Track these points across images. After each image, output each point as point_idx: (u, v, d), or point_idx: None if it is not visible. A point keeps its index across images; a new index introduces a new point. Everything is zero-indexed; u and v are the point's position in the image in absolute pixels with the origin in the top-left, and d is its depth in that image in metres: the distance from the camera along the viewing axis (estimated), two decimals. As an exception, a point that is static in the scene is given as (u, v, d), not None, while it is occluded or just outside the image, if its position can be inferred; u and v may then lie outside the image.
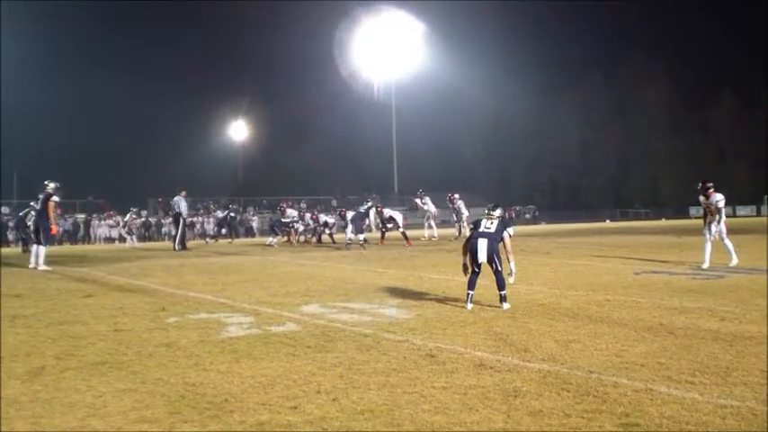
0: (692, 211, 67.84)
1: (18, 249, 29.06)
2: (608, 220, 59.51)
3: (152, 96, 68.00)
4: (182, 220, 26.29)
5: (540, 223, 61.72)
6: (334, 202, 31.76)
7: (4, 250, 29.97)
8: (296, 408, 4.49)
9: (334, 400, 4.64)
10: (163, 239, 45.13)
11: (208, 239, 35.21)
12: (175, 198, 26.76)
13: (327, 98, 69.38)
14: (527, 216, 65.84)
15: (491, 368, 5.39)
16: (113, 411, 4.48)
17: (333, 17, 64.86)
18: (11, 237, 42.79)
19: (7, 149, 54.59)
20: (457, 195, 27.72)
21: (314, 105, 71.37)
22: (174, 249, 25.46)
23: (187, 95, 69.47)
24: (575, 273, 13.00)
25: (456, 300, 9.32)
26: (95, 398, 4.80)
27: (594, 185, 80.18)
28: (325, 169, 69.38)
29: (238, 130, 71.79)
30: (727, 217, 14.22)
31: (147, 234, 46.17)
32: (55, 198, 16.92)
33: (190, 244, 28.65)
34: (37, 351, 6.46)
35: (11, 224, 44.08)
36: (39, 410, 4.54)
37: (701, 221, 14.88)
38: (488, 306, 8.65)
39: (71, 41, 61.62)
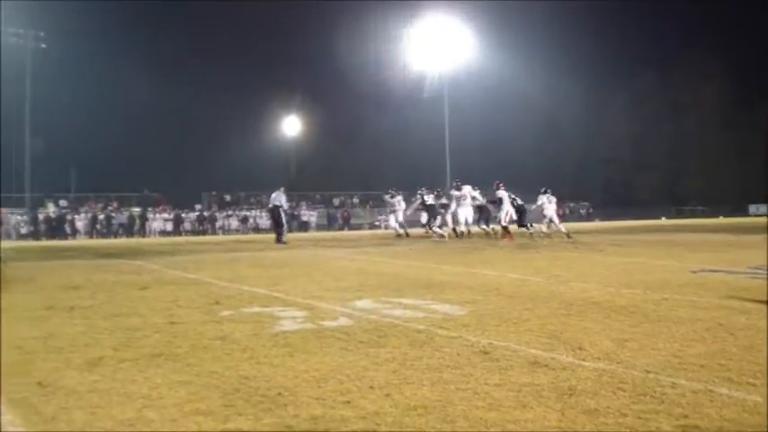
0: (752, 208, 66.67)
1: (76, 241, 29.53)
2: (663, 218, 58.59)
3: (206, 92, 68.77)
4: (283, 214, 26.79)
5: (594, 220, 61.14)
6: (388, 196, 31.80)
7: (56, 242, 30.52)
8: (349, 402, 4.47)
9: (387, 395, 4.61)
10: (216, 234, 45.70)
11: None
12: (274, 194, 27.21)
13: (379, 93, 69.48)
14: (581, 212, 65.30)
15: (545, 366, 5.32)
16: (168, 403, 4.51)
17: (384, 13, 64.83)
18: (68, 229, 43.76)
19: (65, 144, 55.66)
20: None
21: (366, 100, 71.54)
22: (280, 242, 25.88)
23: (241, 91, 70.01)
24: (629, 270, 12.82)
25: (510, 296, 9.25)
26: (151, 389, 4.84)
27: (650, 183, 79.07)
28: (377, 163, 69.50)
29: (291, 126, 72.24)
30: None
31: (201, 228, 46.81)
32: None
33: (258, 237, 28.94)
34: (95, 342, 6.55)
35: (69, 217, 45.21)
36: (96, 400, 4.58)
37: (762, 219, 14.56)
38: (542, 303, 8.56)
39: (127, 38, 62.45)
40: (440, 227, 27.23)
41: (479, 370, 5.23)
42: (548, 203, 26.70)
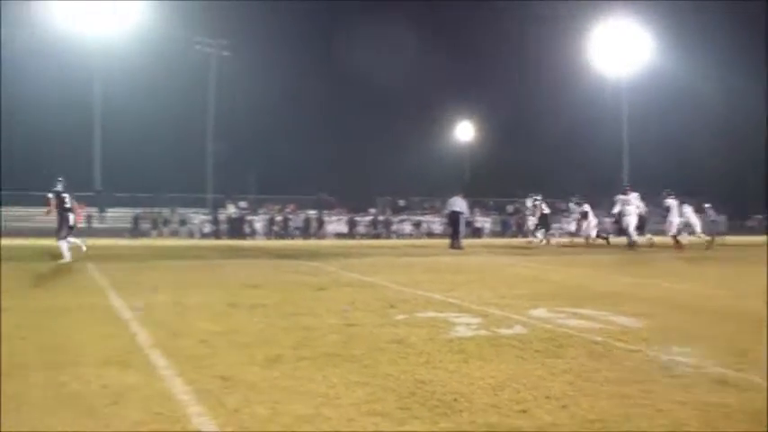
0: None
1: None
2: None
3: (382, 98, 69.75)
4: (462, 219, 27.09)
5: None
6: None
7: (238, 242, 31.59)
8: (525, 412, 4.41)
9: (563, 406, 4.52)
10: (390, 237, 46.38)
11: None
12: (453, 199, 27.52)
13: (554, 97, 68.28)
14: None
15: (734, 386, 5.03)
16: (345, 402, 4.60)
17: (558, 16, 63.71)
18: (247, 229, 45.66)
19: (246, 148, 57.94)
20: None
21: (540, 104, 70.49)
22: (456, 248, 26.08)
23: (416, 96, 70.62)
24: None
25: (689, 309, 8.88)
26: (329, 388, 4.94)
27: None
28: (551, 169, 68.34)
29: (465, 131, 72.47)
30: None
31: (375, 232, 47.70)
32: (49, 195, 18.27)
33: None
34: (274, 339, 6.76)
35: (249, 218, 47.13)
36: (276, 396, 4.73)
37: None
38: (726, 318, 8.16)
39: (305, 44, 64.14)
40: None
41: (661, 386, 5.03)
42: (690, 213, 26.89)
